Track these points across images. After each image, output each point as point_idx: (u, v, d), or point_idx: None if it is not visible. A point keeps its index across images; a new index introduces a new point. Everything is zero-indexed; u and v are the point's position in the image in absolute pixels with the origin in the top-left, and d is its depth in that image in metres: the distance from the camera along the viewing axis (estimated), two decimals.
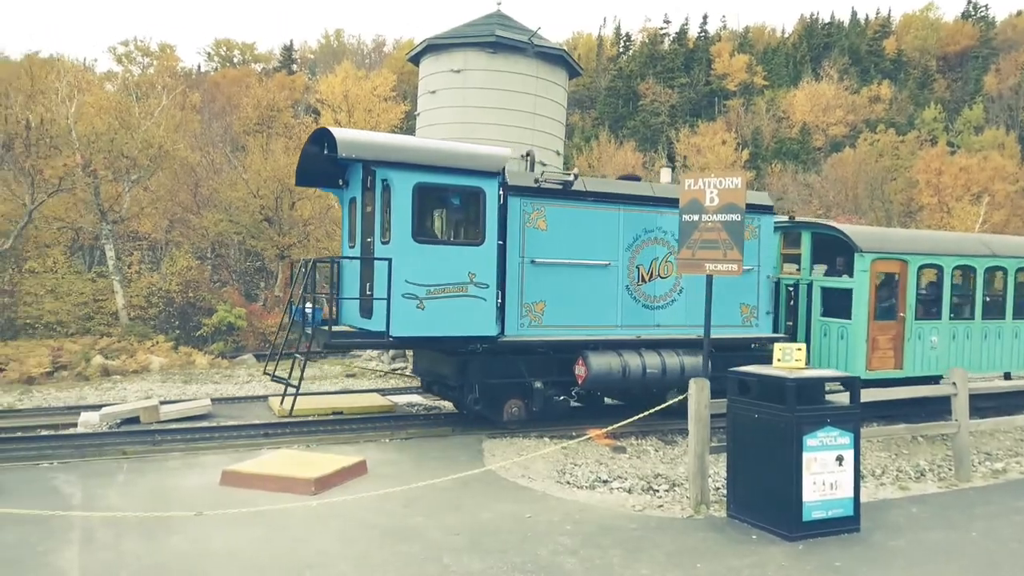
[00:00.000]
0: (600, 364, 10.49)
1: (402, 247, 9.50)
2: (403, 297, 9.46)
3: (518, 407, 10.60)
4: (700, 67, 71.20)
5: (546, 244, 10.52)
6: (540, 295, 10.50)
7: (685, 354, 11.12)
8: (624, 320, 11.12)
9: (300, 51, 74.33)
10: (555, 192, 10.65)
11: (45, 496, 7.13)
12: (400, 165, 9.59)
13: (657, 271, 11.36)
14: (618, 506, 7.49)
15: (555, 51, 19.67)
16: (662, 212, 11.32)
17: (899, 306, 12.23)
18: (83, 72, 31.11)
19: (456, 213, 10.65)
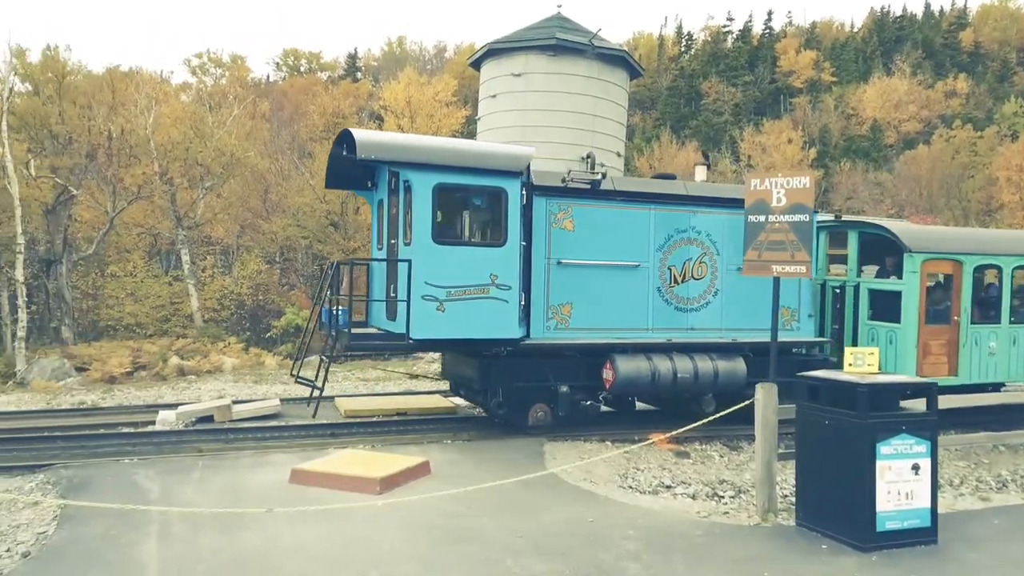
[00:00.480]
0: (628, 368, 10.26)
1: (422, 248, 9.43)
2: (423, 299, 9.37)
3: (544, 412, 10.41)
4: (765, 64, 69.64)
5: (573, 245, 10.36)
6: (567, 297, 10.34)
7: (719, 358, 10.79)
8: (655, 323, 10.86)
9: (364, 59, 75.80)
10: (582, 192, 10.50)
11: (126, 491, 7.46)
12: (420, 166, 9.51)
13: (690, 272, 11.06)
14: (682, 512, 7.39)
15: (616, 52, 19.55)
16: (696, 211, 11.06)
17: (953, 309, 11.63)
18: (160, 84, 32.44)
19: (478, 214, 10.52)
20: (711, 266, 11.14)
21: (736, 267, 11.05)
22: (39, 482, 8.00)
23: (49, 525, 6.50)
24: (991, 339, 11.85)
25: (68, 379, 19.02)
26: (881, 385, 6.40)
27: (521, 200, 9.87)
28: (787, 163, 48.15)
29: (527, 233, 10.12)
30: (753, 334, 11.18)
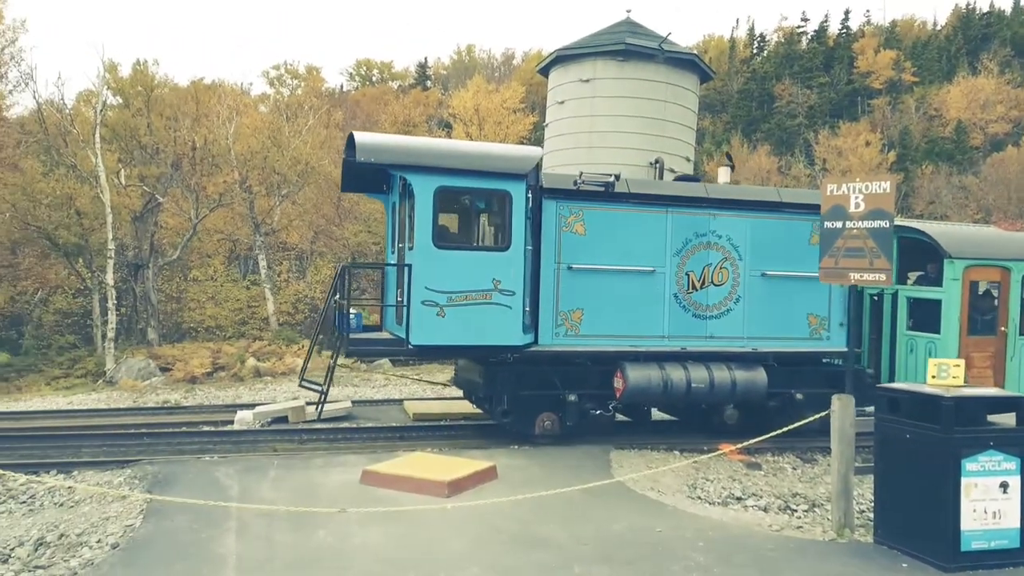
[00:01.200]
0: (639, 377, 9.93)
1: (422, 252, 9.25)
2: (423, 304, 9.19)
3: (551, 421, 10.14)
4: (841, 65, 67.46)
5: (584, 249, 10.07)
6: (577, 303, 10.06)
7: (738, 368, 10.35)
8: (672, 330, 10.46)
9: (434, 67, 76.92)
10: (595, 195, 10.20)
11: (207, 487, 7.76)
12: (420, 168, 9.33)
13: (710, 278, 10.61)
14: (753, 524, 7.23)
15: (686, 56, 19.32)
16: (716, 215, 10.64)
17: (1000, 319, 10.92)
18: (240, 96, 33.72)
19: (481, 217, 10.29)
20: (732, 272, 10.70)
21: (760, 273, 10.75)
22: (127, 477, 8.40)
23: (136, 518, 6.82)
24: None
25: (153, 378, 19.92)
26: (967, 398, 6.13)
27: (527, 203, 9.60)
28: (864, 167, 46.55)
29: (535, 237, 9.90)
30: (777, 343, 10.78)
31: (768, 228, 10.81)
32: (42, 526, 6.94)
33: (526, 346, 9.75)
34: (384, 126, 38.42)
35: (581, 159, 18.47)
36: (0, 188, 25.35)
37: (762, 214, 10.82)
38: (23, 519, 7.39)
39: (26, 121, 32.23)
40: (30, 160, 28.61)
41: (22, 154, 29.24)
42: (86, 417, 13.01)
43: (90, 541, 6.37)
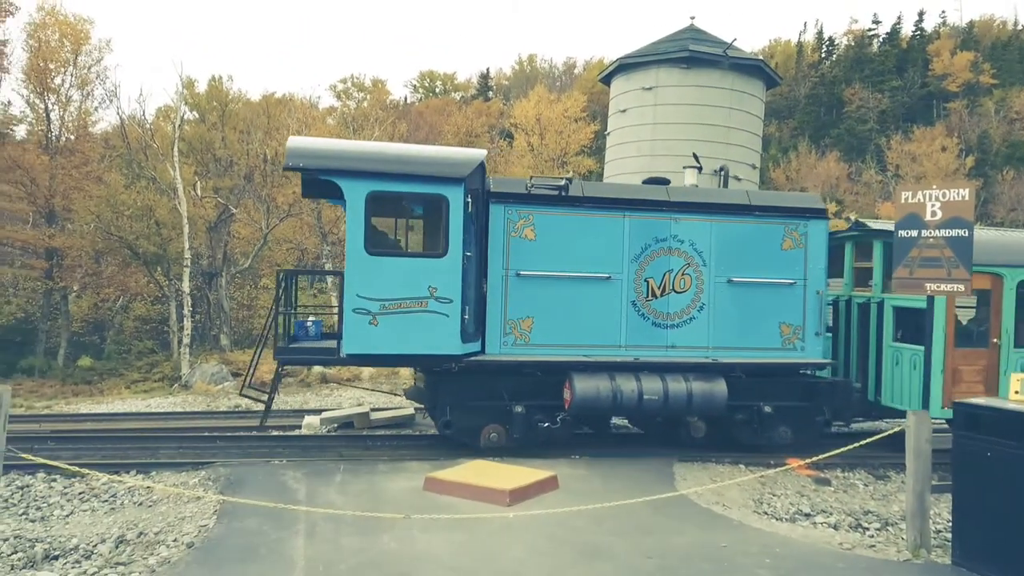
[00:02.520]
0: (586, 388, 9.53)
1: (354, 259, 8.97)
2: (354, 312, 8.94)
3: (498, 433, 9.77)
4: (915, 68, 65.16)
5: (534, 255, 9.75)
6: (527, 311, 9.74)
7: (696, 379, 9.87)
8: (629, 340, 10.05)
9: (496, 78, 77.61)
10: (546, 198, 9.85)
11: (276, 490, 7.98)
12: (351, 172, 9.06)
13: (671, 285, 10.16)
14: (823, 542, 7.02)
15: (751, 61, 19.02)
16: (677, 218, 10.19)
17: (992, 330, 10.16)
18: (309, 109, 34.70)
19: (417, 222, 9.90)
20: (696, 278, 10.24)
21: (726, 279, 10.30)
22: (201, 478, 8.72)
23: (210, 519, 7.06)
24: None
25: (225, 383, 20.61)
26: None
27: (465, 208, 9.24)
28: (940, 173, 44.83)
29: (481, 243, 9.64)
30: (745, 353, 10.30)
31: (736, 232, 10.37)
32: (122, 524, 7.25)
33: (466, 355, 9.42)
34: (447, 137, 38.93)
35: (644, 167, 18.36)
36: (86, 200, 26.71)
37: (729, 217, 10.36)
38: (105, 517, 7.75)
39: (110, 136, 33.91)
40: (113, 173, 30.10)
41: (106, 168, 30.78)
42: (163, 420, 13.57)
43: (167, 540, 6.63)
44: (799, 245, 10.46)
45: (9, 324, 29.77)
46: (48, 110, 29.04)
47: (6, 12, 28.01)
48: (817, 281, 10.54)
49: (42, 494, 8.52)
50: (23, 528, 7.33)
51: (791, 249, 10.40)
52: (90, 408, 17.64)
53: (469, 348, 9.43)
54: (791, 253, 10.39)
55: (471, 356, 9.52)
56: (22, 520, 7.75)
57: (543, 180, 10.14)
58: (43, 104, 29.11)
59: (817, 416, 10.51)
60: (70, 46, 28.88)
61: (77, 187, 27.53)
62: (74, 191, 27.46)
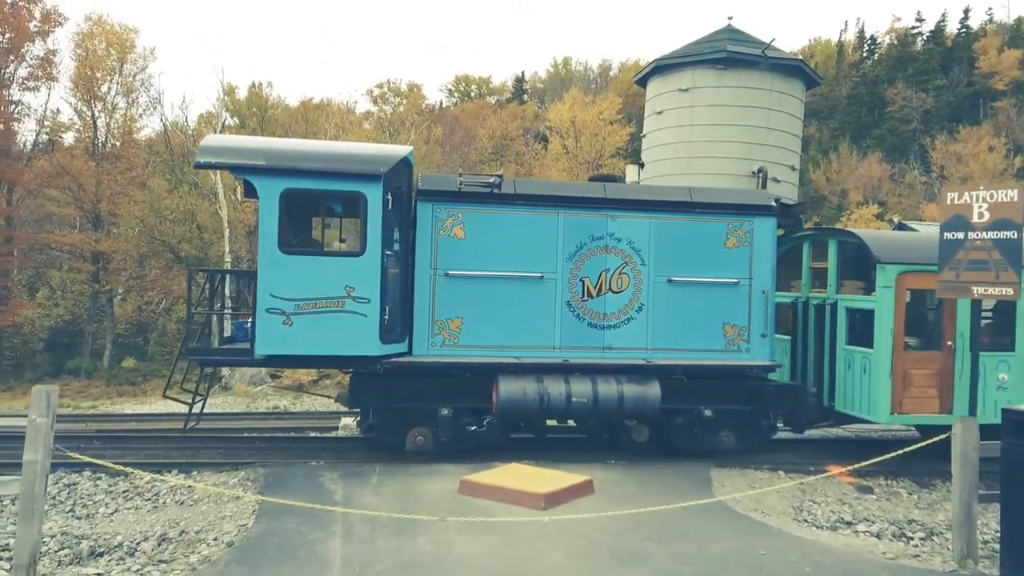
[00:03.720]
0: (512, 390, 9.30)
1: (268, 258, 8.77)
2: (268, 312, 8.73)
3: (424, 436, 9.54)
4: (960, 67, 63.62)
5: (464, 254, 9.53)
6: (456, 311, 9.53)
7: (628, 382, 9.58)
8: (564, 341, 9.77)
9: (531, 81, 77.71)
10: (477, 196, 9.62)
11: (314, 491, 8.08)
12: (264, 170, 8.85)
13: (608, 285, 9.84)
14: (865, 551, 6.87)
15: (790, 62, 18.74)
16: (615, 216, 9.89)
17: (945, 333, 9.69)
18: (346, 114, 35.13)
19: (334, 221, 9.65)
20: (634, 278, 9.94)
21: (666, 279, 9.98)
22: (240, 478, 8.86)
23: (249, 519, 7.18)
24: (1001, 369, 9.78)
25: (263, 385, 20.93)
26: None
27: (385, 206, 9.02)
28: (987, 173, 43.67)
29: (407, 242, 9.44)
30: (686, 355, 9.97)
31: (676, 230, 10.04)
32: (165, 522, 7.40)
33: (388, 356, 9.21)
34: (482, 140, 39.05)
35: (680, 169, 18.19)
36: (130, 205, 27.38)
37: (669, 215, 10.03)
38: (148, 515, 7.92)
39: (153, 142, 34.72)
40: (157, 179, 30.81)
41: (150, 173, 31.53)
42: (204, 420, 13.80)
43: (207, 538, 6.75)
44: (744, 243, 10.13)
45: (57, 326, 30.64)
46: (95, 117, 29.88)
47: (55, 23, 28.90)
48: (763, 280, 10.18)
49: (88, 492, 8.74)
50: (70, 525, 7.52)
51: (735, 247, 10.08)
52: (134, 408, 18.07)
53: (391, 349, 9.23)
54: (735, 252, 10.07)
55: (395, 357, 9.32)
56: (69, 517, 7.97)
57: (474, 177, 9.94)
58: (90, 111, 29.97)
59: (763, 421, 10.18)
60: (116, 55, 29.68)
61: (122, 192, 28.27)
62: (119, 196, 28.20)
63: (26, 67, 28.83)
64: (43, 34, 28.82)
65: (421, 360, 9.50)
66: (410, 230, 9.58)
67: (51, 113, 33.30)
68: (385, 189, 9.04)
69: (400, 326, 9.43)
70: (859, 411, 10.07)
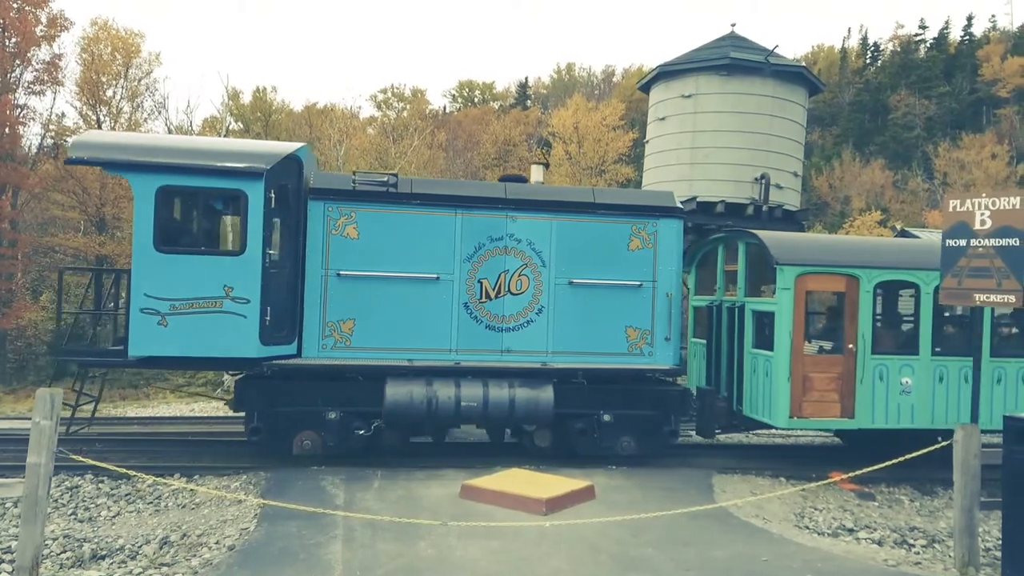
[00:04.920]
0: (399, 394, 9.18)
1: (142, 257, 8.58)
2: (142, 312, 8.53)
3: (312, 440, 9.36)
4: (964, 74, 63.64)
5: (357, 254, 9.38)
6: (348, 313, 9.37)
7: (520, 386, 9.45)
8: (461, 344, 9.63)
9: (534, 86, 77.82)
10: (372, 195, 9.47)
11: (315, 495, 8.08)
12: (139, 166, 8.66)
13: (507, 286, 9.70)
14: (867, 558, 6.86)
15: (793, 68, 18.79)
16: (515, 217, 9.75)
17: (847, 336, 9.58)
18: (350, 119, 35.25)
19: (213, 219, 9.47)
20: (534, 279, 9.79)
21: (567, 281, 9.85)
22: (242, 482, 8.88)
23: (250, 522, 7.19)
24: (905, 373, 9.68)
25: None
26: None
27: (268, 204, 8.85)
28: (990, 181, 43.66)
29: (295, 241, 9.28)
30: (587, 358, 9.83)
31: (579, 232, 9.91)
32: (167, 526, 7.42)
33: (270, 358, 9.04)
34: (486, 145, 39.12)
35: (683, 175, 18.22)
36: None
37: (571, 216, 9.90)
38: (150, 519, 7.93)
39: None
40: None
41: None
42: (206, 424, 13.83)
43: (209, 542, 6.76)
44: (648, 245, 10.00)
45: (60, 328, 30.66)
46: (100, 121, 30.00)
47: (61, 27, 29.05)
48: (668, 283, 10.03)
49: (90, 495, 8.76)
50: (72, 528, 7.54)
51: (639, 249, 9.94)
52: (136, 412, 18.09)
53: (274, 351, 9.06)
54: (639, 253, 9.94)
55: (281, 359, 9.16)
56: (71, 520, 7.98)
57: (368, 176, 9.78)
58: (95, 116, 30.08)
59: (664, 426, 10.01)
60: (121, 59, 29.80)
61: (126, 196, 28.33)
62: (123, 200, 28.28)
63: (32, 71, 28.98)
64: (49, 38, 28.95)
65: (310, 362, 9.33)
66: (301, 229, 9.38)
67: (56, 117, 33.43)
68: (268, 187, 8.87)
69: (287, 327, 9.23)
70: (762, 415, 9.92)
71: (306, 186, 9.50)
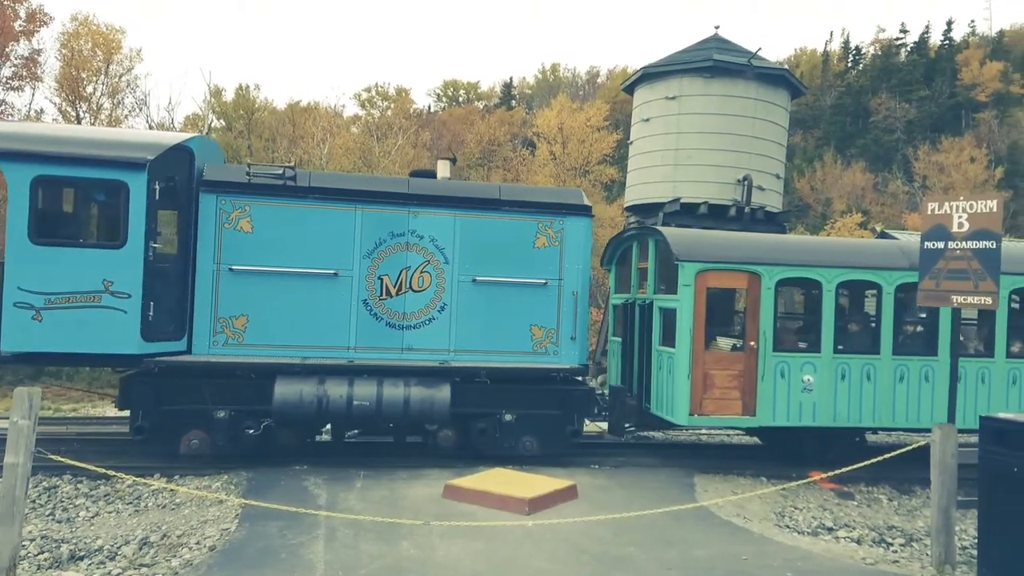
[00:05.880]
0: (288, 393, 8.95)
1: (16, 249, 8.32)
2: (15, 306, 8.27)
3: (200, 440, 9.14)
4: (943, 78, 64.45)
5: (251, 249, 9.18)
6: (241, 309, 9.17)
7: (416, 385, 9.28)
8: (360, 341, 9.48)
9: (519, 87, 77.84)
10: (267, 188, 9.28)
11: (297, 495, 8.04)
12: (12, 155, 8.41)
13: (408, 283, 9.57)
14: (846, 557, 6.94)
15: (776, 71, 18.95)
16: (417, 213, 9.62)
17: (748, 333, 9.60)
18: (334, 117, 35.10)
19: (95, 210, 9.17)
20: (436, 276, 9.68)
21: (471, 278, 9.74)
22: (223, 482, 8.81)
23: (231, 522, 7.14)
24: (807, 371, 9.69)
25: None
26: None
27: (151, 195, 8.61)
28: (969, 184, 44.25)
29: (186, 234, 9.07)
30: (491, 357, 9.72)
31: (483, 229, 9.79)
32: (146, 526, 7.35)
33: (153, 355, 8.79)
34: (470, 145, 39.10)
35: (667, 176, 18.33)
36: None
37: (476, 213, 9.79)
38: (129, 519, 7.85)
39: None
40: None
41: None
42: None
43: (190, 542, 6.70)
44: (554, 243, 9.89)
45: None
46: (79, 118, 29.67)
47: (41, 22, 28.70)
48: (574, 282, 9.94)
49: (68, 495, 8.66)
50: (49, 528, 7.45)
51: (545, 247, 9.85)
52: (116, 412, 17.88)
53: (158, 348, 8.83)
54: (545, 251, 9.85)
55: (168, 356, 8.93)
56: (49, 521, 7.89)
57: (264, 168, 9.60)
58: (75, 112, 29.75)
59: (568, 426, 9.86)
60: (102, 55, 29.50)
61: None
62: None
63: (10, 67, 28.61)
64: (28, 34, 28.62)
65: (200, 360, 9.11)
66: (192, 223, 9.17)
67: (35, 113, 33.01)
68: (152, 178, 8.64)
69: (174, 323, 9.03)
70: (665, 413, 9.89)
71: (197, 178, 9.26)
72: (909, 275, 9.70)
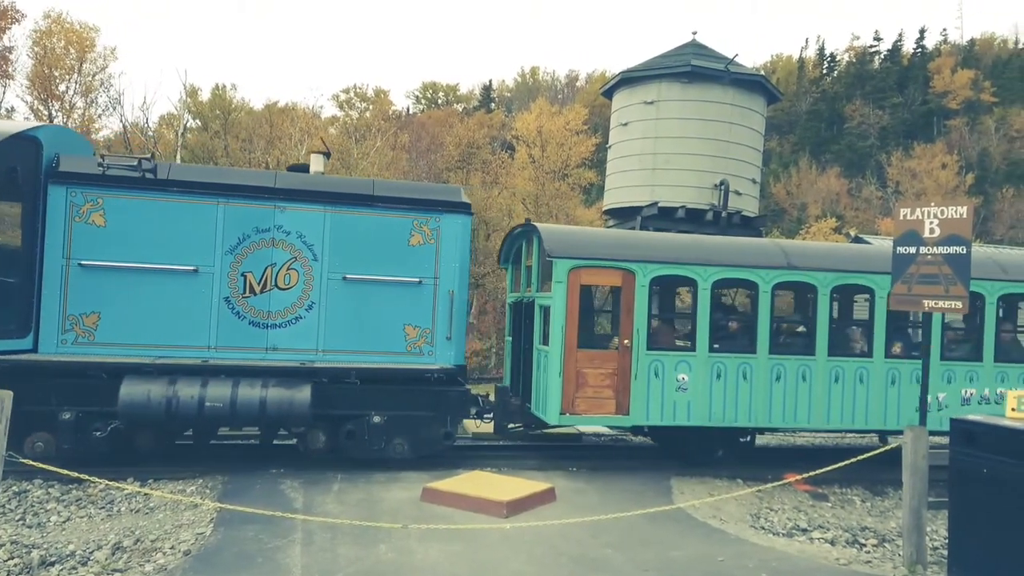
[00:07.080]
0: (135, 393, 8.56)
1: None
2: None
3: (44, 442, 8.76)
4: (916, 85, 65.57)
5: (104, 243, 8.85)
6: (93, 305, 8.85)
7: (275, 386, 8.91)
8: (221, 340, 9.17)
9: (498, 90, 77.94)
10: (122, 180, 8.94)
11: (274, 499, 7.99)
12: None
13: (274, 281, 9.29)
14: (820, 557, 7.02)
15: (752, 77, 19.17)
16: (284, 208, 9.34)
17: (622, 331, 9.50)
18: (312, 118, 34.88)
19: None
20: (304, 274, 9.39)
21: (341, 276, 9.48)
22: (199, 486, 8.71)
23: (207, 527, 7.06)
24: (682, 370, 9.59)
25: None
26: None
27: None
28: (940, 189, 45.02)
29: (32, 227, 8.74)
30: (362, 357, 9.47)
31: (355, 225, 9.54)
32: (120, 531, 7.25)
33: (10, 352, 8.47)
34: (449, 148, 39.04)
35: (646, 180, 18.46)
36: None
37: (347, 208, 9.52)
38: (102, 523, 7.73)
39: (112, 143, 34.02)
40: None
41: None
42: None
43: (164, 547, 6.62)
44: (430, 240, 9.66)
45: None
46: (52, 117, 29.21)
47: (12, 19, 28.23)
48: (450, 280, 9.70)
49: (39, 500, 8.50)
50: (20, 534, 7.32)
51: (420, 245, 9.64)
52: None
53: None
54: (420, 249, 9.63)
55: (13, 355, 8.57)
56: (19, 526, 7.74)
57: (119, 159, 9.21)
58: (47, 111, 29.29)
59: (441, 428, 9.65)
60: (75, 53, 29.08)
61: None
62: None
63: None
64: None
65: (46, 359, 8.72)
66: (39, 216, 8.77)
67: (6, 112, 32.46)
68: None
69: (17, 320, 8.65)
70: (540, 411, 9.82)
71: (45, 169, 8.87)
72: (787, 274, 9.84)
